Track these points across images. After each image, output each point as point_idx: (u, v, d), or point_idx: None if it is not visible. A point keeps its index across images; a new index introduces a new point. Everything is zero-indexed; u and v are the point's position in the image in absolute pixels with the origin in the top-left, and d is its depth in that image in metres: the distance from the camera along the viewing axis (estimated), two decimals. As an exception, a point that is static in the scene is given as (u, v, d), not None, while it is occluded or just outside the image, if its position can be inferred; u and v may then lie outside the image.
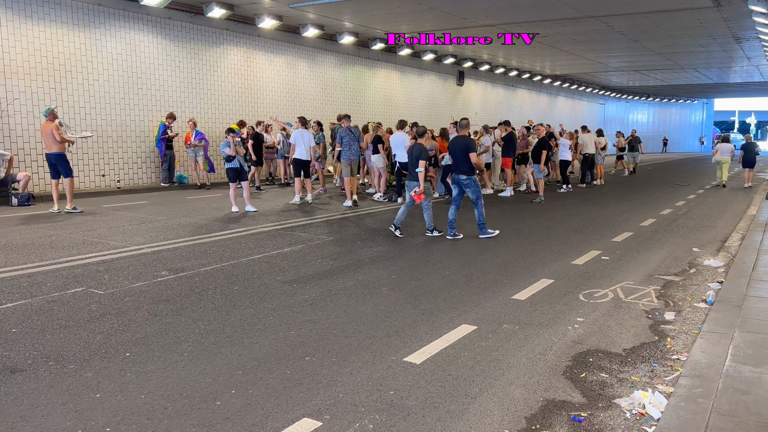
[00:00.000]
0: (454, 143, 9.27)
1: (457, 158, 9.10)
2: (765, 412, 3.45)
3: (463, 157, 9.00)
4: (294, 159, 12.96)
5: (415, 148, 9.13)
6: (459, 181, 9.13)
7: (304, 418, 3.51)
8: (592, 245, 8.85)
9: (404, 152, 13.25)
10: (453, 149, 9.20)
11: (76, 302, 5.68)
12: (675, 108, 56.51)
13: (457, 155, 9.08)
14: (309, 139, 13.03)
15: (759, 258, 7.57)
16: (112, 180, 15.21)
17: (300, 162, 12.92)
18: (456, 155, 9.12)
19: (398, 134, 13.58)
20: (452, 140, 9.48)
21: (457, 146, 9.12)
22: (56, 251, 7.87)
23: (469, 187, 9.08)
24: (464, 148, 8.98)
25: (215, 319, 5.27)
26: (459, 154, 9.05)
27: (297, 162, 12.95)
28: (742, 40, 22.07)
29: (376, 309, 5.62)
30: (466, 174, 9.04)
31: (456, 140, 9.28)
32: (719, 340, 4.61)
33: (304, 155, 12.89)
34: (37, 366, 4.21)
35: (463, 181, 9.08)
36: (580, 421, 3.55)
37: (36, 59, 13.51)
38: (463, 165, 9.03)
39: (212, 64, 17.50)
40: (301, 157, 12.89)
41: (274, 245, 8.51)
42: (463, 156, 9.00)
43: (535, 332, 5.03)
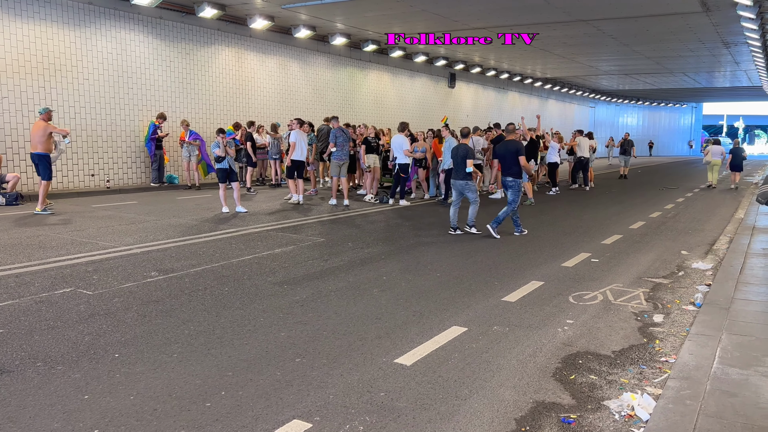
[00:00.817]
0: (504, 147, 9.62)
1: (507, 161, 9.53)
2: (752, 414, 3.49)
3: (513, 160, 9.43)
4: (294, 159, 12.93)
5: (461, 148, 9.57)
6: (505, 182, 9.61)
7: (295, 419, 3.50)
8: (582, 247, 8.90)
9: (402, 153, 13.28)
10: (503, 153, 9.58)
11: (64, 303, 5.64)
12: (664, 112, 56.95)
13: (507, 158, 9.51)
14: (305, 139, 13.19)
15: (746, 261, 7.65)
16: (102, 180, 15.12)
17: (299, 162, 12.97)
18: (506, 158, 9.53)
19: (398, 137, 13.54)
20: (502, 144, 9.80)
21: (507, 150, 9.53)
22: (45, 251, 7.81)
23: (513, 188, 9.52)
24: (514, 151, 9.44)
25: (205, 320, 5.25)
26: (509, 157, 9.46)
27: (297, 162, 12.97)
28: (731, 45, 22.27)
29: (366, 310, 5.62)
30: (514, 176, 9.48)
31: (507, 144, 9.64)
32: (707, 343, 4.65)
33: (303, 156, 13.01)
34: (24, 367, 4.18)
35: (509, 183, 9.53)
36: (569, 422, 3.56)
37: (25, 58, 13.41)
38: (512, 168, 9.48)
39: (203, 64, 17.44)
40: (302, 157, 12.98)
41: (264, 246, 8.49)
42: (513, 159, 9.42)
43: (525, 334, 5.05)
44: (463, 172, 9.52)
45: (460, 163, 9.55)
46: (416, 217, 11.95)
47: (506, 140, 9.81)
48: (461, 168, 9.52)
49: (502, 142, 9.99)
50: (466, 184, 9.57)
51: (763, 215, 12.07)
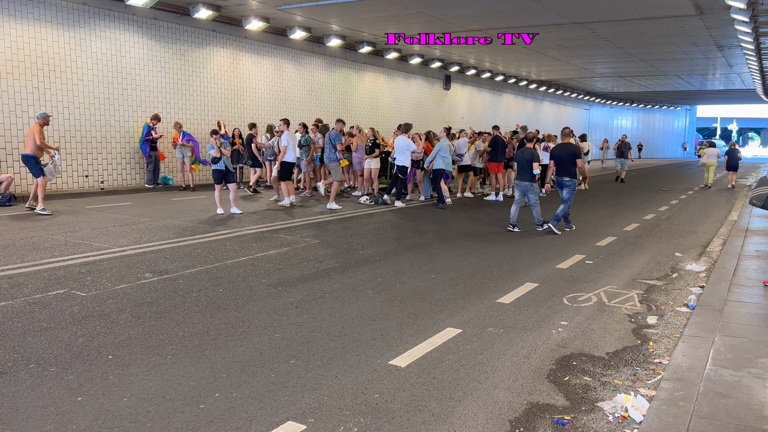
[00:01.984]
0: (562, 149, 10.36)
1: (564, 162, 10.24)
2: (744, 415, 3.50)
3: (570, 161, 10.18)
4: (284, 162, 12.90)
5: (526, 152, 10.38)
6: (562, 182, 10.28)
7: (289, 421, 3.50)
8: (576, 249, 8.92)
9: (406, 156, 13.25)
10: (560, 154, 10.31)
11: (57, 304, 5.62)
12: (658, 114, 57.17)
13: (564, 160, 10.24)
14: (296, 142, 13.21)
15: (740, 263, 7.68)
16: (96, 181, 15.06)
17: (290, 164, 12.97)
18: (563, 159, 10.25)
19: (402, 138, 13.51)
20: (559, 146, 10.52)
21: (564, 152, 10.28)
22: (38, 252, 7.78)
23: (569, 187, 10.24)
24: (572, 154, 10.24)
25: (199, 321, 5.24)
26: (566, 159, 10.22)
27: (288, 164, 12.94)
28: (724, 48, 22.39)
29: (361, 312, 5.62)
30: (570, 177, 10.23)
31: (564, 147, 10.38)
32: (700, 344, 4.67)
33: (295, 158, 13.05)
34: (17, 368, 4.16)
35: (566, 182, 10.24)
36: (563, 424, 3.57)
37: (19, 58, 13.35)
38: (569, 168, 10.22)
39: (198, 66, 17.41)
40: (292, 159, 12.98)
41: (259, 248, 8.48)
42: (570, 161, 10.19)
43: (520, 336, 5.06)
44: (529, 174, 10.20)
45: (525, 166, 10.23)
46: (411, 219, 11.96)
47: (563, 143, 10.51)
48: (527, 170, 10.22)
49: (559, 144, 10.66)
50: (530, 186, 10.26)
51: (757, 217, 12.13)
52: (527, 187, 10.31)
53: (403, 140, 13.42)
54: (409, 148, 13.32)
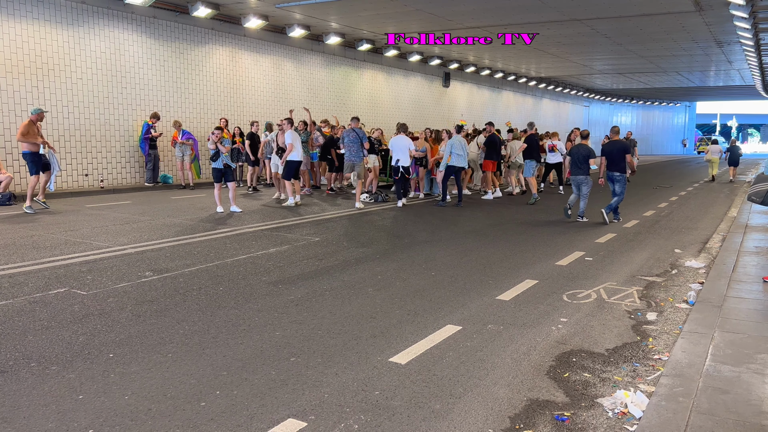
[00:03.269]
0: (612, 145, 11.14)
1: (614, 158, 11.05)
2: (743, 411, 3.51)
3: (621, 157, 11.04)
4: (290, 161, 12.65)
5: (582, 148, 11.26)
6: (613, 177, 11.11)
7: (289, 418, 3.51)
8: (576, 246, 8.93)
9: (406, 155, 13.21)
10: (611, 150, 11.08)
11: (58, 303, 5.63)
12: (658, 111, 57.16)
13: (615, 156, 11.05)
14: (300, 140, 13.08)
15: (739, 259, 7.69)
16: (96, 180, 15.07)
17: (296, 163, 12.74)
18: (614, 155, 11.06)
19: (401, 137, 13.41)
20: (610, 143, 11.29)
21: (615, 148, 11.07)
22: (38, 251, 7.79)
23: (620, 181, 11.10)
24: (622, 150, 11.05)
25: (200, 319, 5.25)
26: (616, 154, 11.04)
27: (294, 163, 12.71)
28: (724, 44, 22.38)
29: (361, 310, 5.63)
30: (620, 171, 11.05)
31: (614, 143, 11.18)
32: (700, 340, 4.68)
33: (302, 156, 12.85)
34: (18, 367, 4.17)
35: (617, 177, 11.08)
36: (563, 420, 3.58)
37: (18, 57, 13.35)
38: (620, 164, 11.05)
39: (197, 64, 17.40)
40: (300, 158, 12.82)
41: (259, 246, 8.49)
42: (621, 156, 11.03)
43: (520, 332, 5.07)
44: (585, 168, 11.12)
45: (581, 161, 11.13)
46: (412, 216, 11.97)
47: (613, 140, 11.29)
48: (583, 165, 11.12)
49: (609, 141, 11.39)
50: (585, 179, 11.17)
51: (756, 214, 12.13)
52: (581, 180, 11.22)
53: (402, 139, 13.37)
54: (409, 146, 13.29)
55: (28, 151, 11.25)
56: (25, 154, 11.31)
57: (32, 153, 11.25)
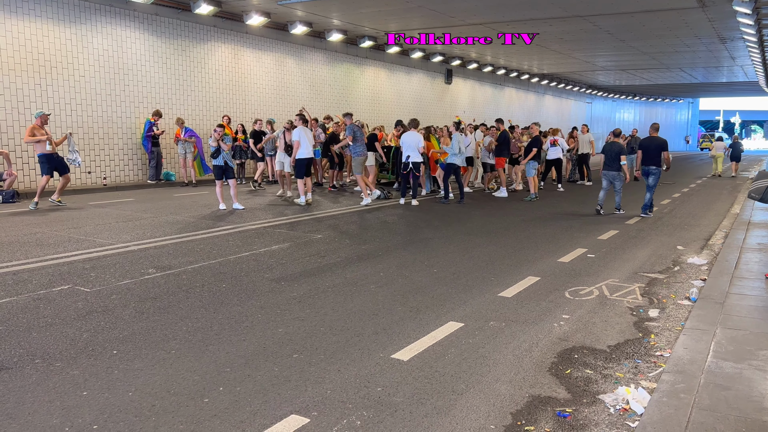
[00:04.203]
0: (650, 141, 11.74)
1: (651, 154, 11.62)
2: (745, 407, 3.52)
3: (657, 153, 11.58)
4: (298, 158, 12.45)
5: (615, 145, 11.85)
6: (649, 170, 11.65)
7: (292, 414, 3.52)
8: (578, 243, 8.93)
9: (416, 151, 13.16)
10: (648, 146, 11.70)
11: (62, 300, 5.65)
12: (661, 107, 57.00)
13: (651, 151, 11.63)
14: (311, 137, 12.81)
15: (741, 256, 7.69)
16: (98, 177, 15.10)
17: (304, 161, 12.50)
18: (651, 151, 11.64)
19: (412, 134, 13.30)
20: (647, 138, 11.88)
21: (652, 144, 11.67)
22: (42, 248, 7.82)
23: (655, 175, 11.63)
24: (659, 146, 11.62)
25: (203, 316, 5.27)
26: (653, 150, 11.62)
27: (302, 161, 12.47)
28: (727, 40, 22.29)
29: (363, 306, 5.64)
30: (656, 165, 11.59)
31: (652, 139, 11.75)
32: (701, 337, 4.68)
33: (311, 153, 12.61)
34: (23, 364, 4.19)
35: (653, 170, 11.63)
36: (564, 416, 3.60)
37: (21, 55, 13.37)
38: (656, 159, 11.60)
39: (200, 61, 17.41)
40: (309, 155, 12.52)
41: (261, 243, 8.50)
42: (657, 152, 11.58)
43: (522, 329, 5.08)
44: (617, 164, 11.69)
45: (614, 158, 11.74)
46: (413, 213, 11.97)
47: (651, 136, 11.84)
48: (615, 162, 11.72)
49: (647, 137, 11.94)
50: (617, 174, 11.79)
51: (759, 210, 12.12)
52: (614, 176, 11.84)
53: (413, 136, 13.28)
54: (419, 144, 13.24)
55: (40, 153, 11.63)
56: (38, 156, 11.73)
57: (42, 154, 11.60)
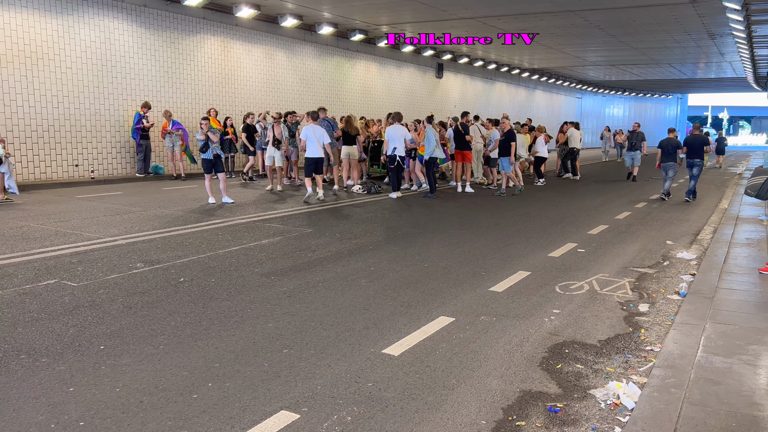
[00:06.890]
0: (694, 138, 13.25)
1: (696, 149, 13.22)
2: (735, 402, 3.53)
3: (700, 148, 13.22)
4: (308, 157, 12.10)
5: (672, 141, 13.44)
6: (693, 163, 13.28)
7: (282, 410, 3.49)
8: (569, 238, 8.95)
9: (402, 144, 13.07)
10: (692, 142, 13.22)
11: (48, 294, 5.58)
12: (650, 102, 57.26)
13: (696, 146, 13.22)
14: (321, 135, 12.23)
15: (730, 251, 7.73)
16: (86, 170, 14.94)
17: (313, 159, 12.16)
18: (695, 146, 13.22)
19: (397, 127, 13.17)
20: (692, 136, 13.36)
21: (696, 141, 13.23)
22: (28, 242, 7.72)
23: (698, 166, 13.31)
24: (702, 142, 13.24)
25: (191, 311, 5.22)
26: (698, 145, 13.22)
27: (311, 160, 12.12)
28: (716, 36, 22.40)
29: (354, 301, 5.62)
30: (700, 158, 13.26)
31: (696, 137, 13.30)
32: (691, 332, 4.70)
33: (318, 152, 12.16)
34: (8, 359, 4.13)
35: (697, 163, 13.27)
36: (555, 411, 3.59)
37: (6, 46, 13.17)
38: (699, 153, 13.25)
39: (189, 53, 17.24)
40: (316, 155, 12.13)
41: (251, 237, 8.45)
42: (700, 147, 13.22)
43: (512, 324, 5.07)
44: (674, 156, 13.39)
45: (671, 152, 13.39)
46: (403, 208, 11.95)
47: (694, 134, 13.33)
48: (673, 154, 13.39)
49: (691, 135, 13.44)
50: (673, 164, 13.48)
51: (747, 206, 12.22)
52: (670, 166, 13.45)
53: (399, 129, 13.23)
54: (405, 136, 13.17)
55: None
56: None
57: None
